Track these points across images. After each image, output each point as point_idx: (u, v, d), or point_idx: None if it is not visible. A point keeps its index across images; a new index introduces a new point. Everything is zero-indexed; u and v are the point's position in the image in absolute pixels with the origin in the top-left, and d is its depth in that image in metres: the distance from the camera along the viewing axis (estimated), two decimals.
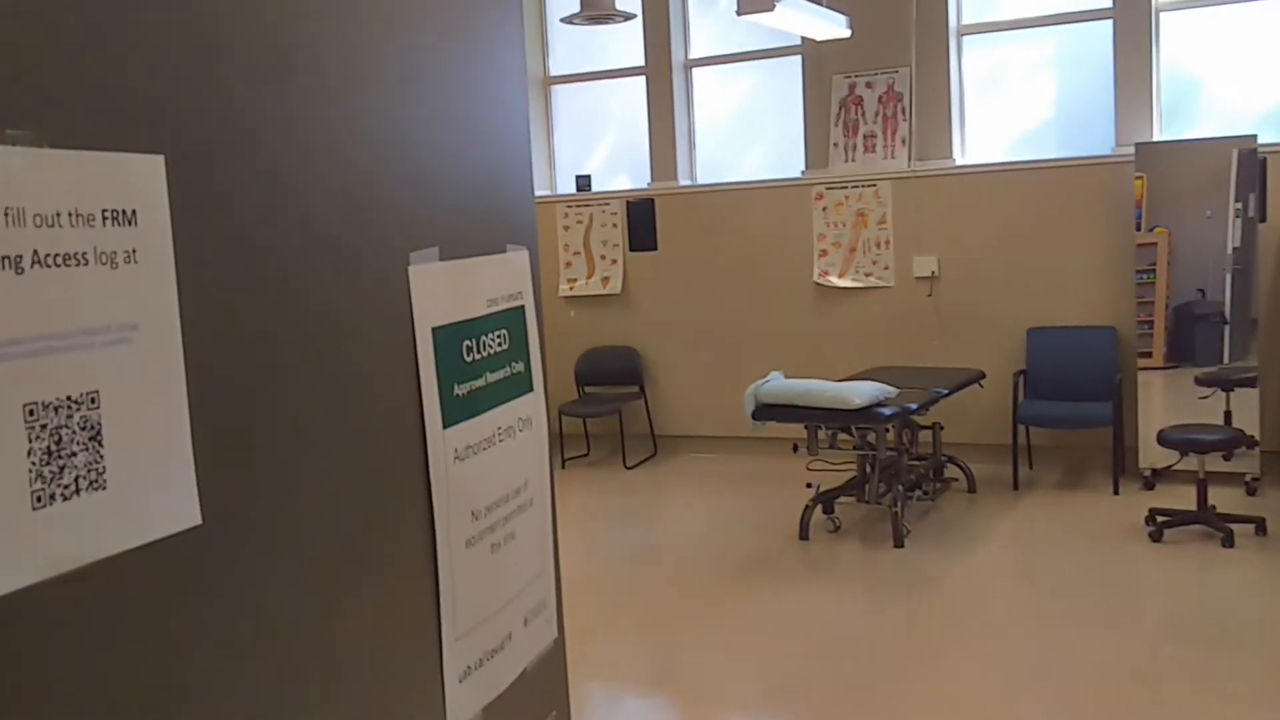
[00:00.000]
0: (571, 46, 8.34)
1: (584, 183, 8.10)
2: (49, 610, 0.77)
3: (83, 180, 0.79)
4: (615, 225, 7.96)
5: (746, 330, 7.64)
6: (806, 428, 5.85)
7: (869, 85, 7.30)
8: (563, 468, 7.74)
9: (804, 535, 5.79)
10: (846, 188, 7.31)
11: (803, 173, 7.52)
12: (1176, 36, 6.69)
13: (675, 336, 7.85)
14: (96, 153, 0.80)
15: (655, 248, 7.85)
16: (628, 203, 7.90)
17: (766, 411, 5.77)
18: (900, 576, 5.18)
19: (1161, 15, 6.67)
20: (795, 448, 6.04)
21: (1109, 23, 6.78)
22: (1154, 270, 6.46)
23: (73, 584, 0.78)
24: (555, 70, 8.38)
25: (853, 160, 7.35)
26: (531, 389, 1.35)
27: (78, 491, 0.78)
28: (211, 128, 0.91)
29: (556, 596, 1.44)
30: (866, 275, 7.32)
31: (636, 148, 8.08)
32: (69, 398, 0.77)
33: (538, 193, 8.22)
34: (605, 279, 8.01)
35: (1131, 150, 6.54)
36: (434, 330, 1.13)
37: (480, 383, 1.21)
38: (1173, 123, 6.74)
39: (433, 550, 1.12)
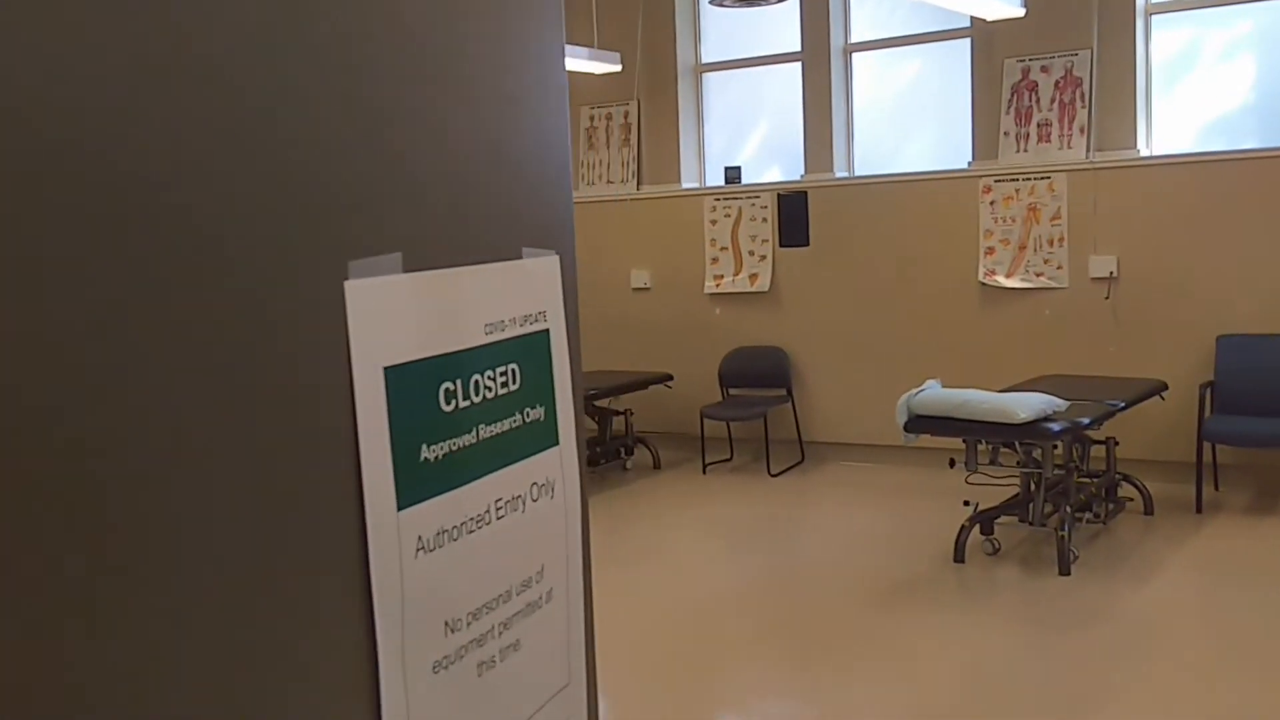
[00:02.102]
0: (724, 32, 8.01)
1: (733, 174, 7.77)
2: None
3: None
4: (765, 219, 7.60)
5: (903, 333, 7.22)
6: (965, 442, 5.43)
7: (1045, 69, 6.79)
8: (703, 473, 7.45)
9: (959, 557, 5.38)
10: (1017, 180, 6.83)
11: (969, 164, 7.06)
12: None
13: (826, 338, 7.48)
14: None
15: (807, 243, 7.48)
16: (779, 195, 7.54)
17: (920, 423, 5.36)
18: (1065, 607, 4.75)
19: None
20: (951, 463, 5.59)
21: None
22: None
23: None
24: (707, 57, 8.05)
25: (1025, 150, 6.86)
26: (556, 441, 1.01)
27: None
28: None
29: (593, 714, 1.10)
30: (1037, 275, 6.82)
31: (790, 138, 7.72)
32: None
33: (685, 184, 7.94)
34: (753, 276, 7.67)
35: None
36: (388, 371, 0.81)
37: (467, 440, 0.88)
38: None
39: (374, 685, 0.80)
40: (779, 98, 7.84)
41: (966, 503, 5.62)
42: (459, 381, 0.87)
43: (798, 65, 7.61)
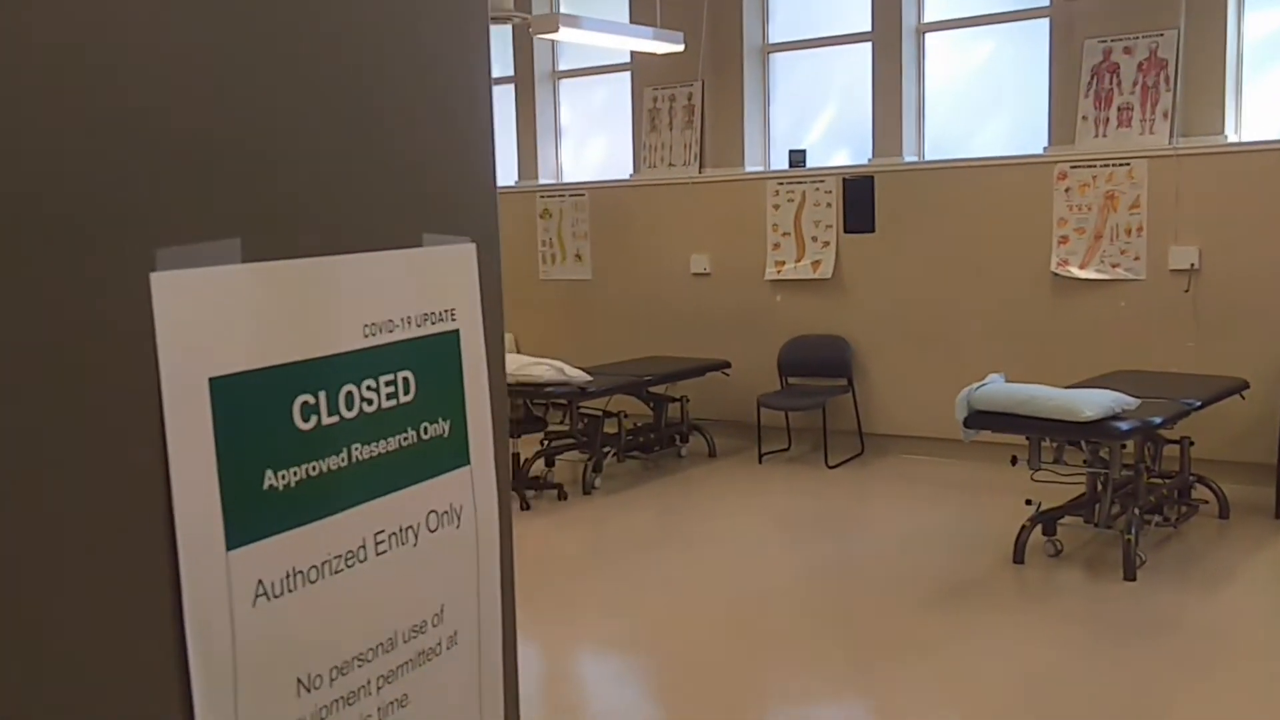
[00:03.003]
0: (792, 11, 7.80)
1: (798, 158, 7.57)
2: None
3: None
4: (829, 205, 7.40)
5: (970, 324, 6.99)
6: (1028, 440, 5.20)
7: (1127, 50, 6.51)
8: (759, 463, 7.29)
9: (1019, 558, 5.18)
10: (1095, 166, 6.57)
11: (1045, 149, 6.81)
12: None
13: (889, 327, 7.27)
14: None
15: (872, 230, 7.27)
16: (844, 180, 7.33)
17: (981, 419, 5.15)
18: (1130, 615, 4.56)
19: None
20: (1014, 460, 5.37)
21: None
22: None
23: None
24: (775, 37, 7.84)
25: (1104, 135, 6.59)
26: (466, 461, 0.87)
27: None
28: None
29: None
30: (1113, 266, 6.55)
31: (859, 120, 7.50)
32: None
33: (749, 167, 7.75)
34: (815, 262, 7.47)
35: None
36: (215, 383, 0.66)
37: (335, 462, 0.74)
38: None
39: None
40: (848, 79, 7.63)
41: (1029, 501, 5.41)
42: (323, 394, 0.73)
43: (868, 45, 7.39)
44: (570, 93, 8.87)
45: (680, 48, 7.03)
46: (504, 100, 8.96)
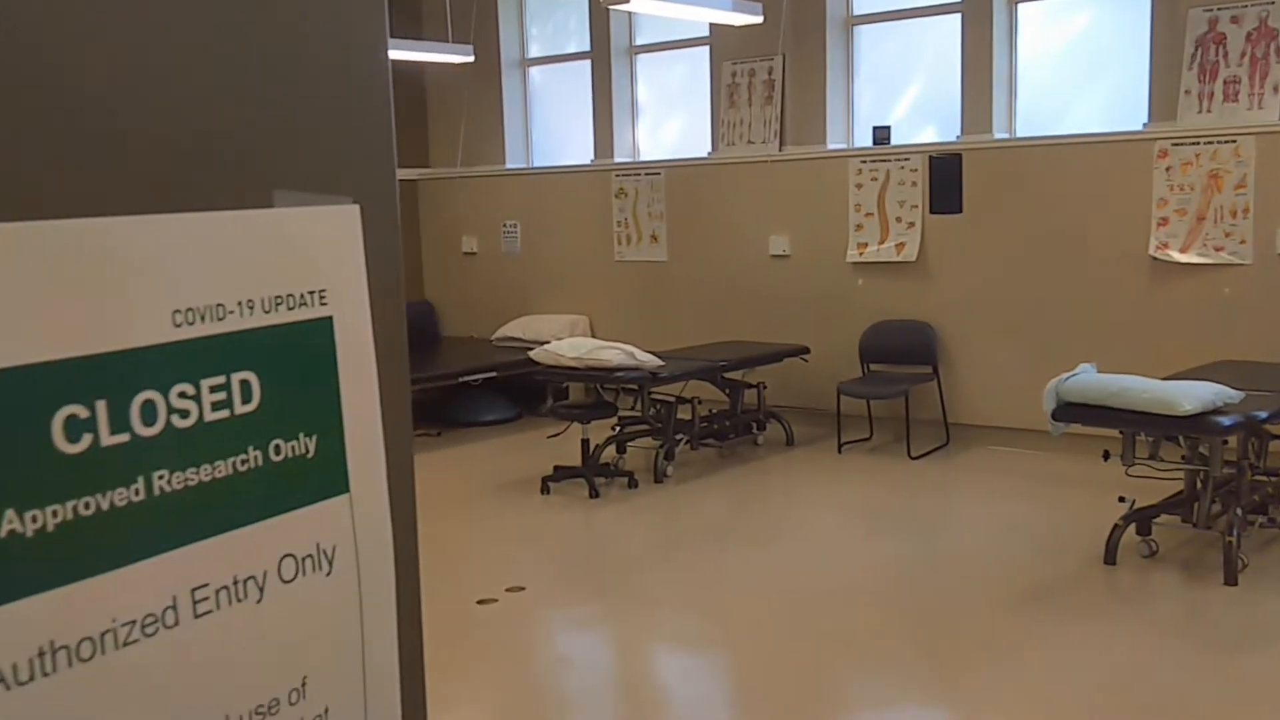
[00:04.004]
0: None
1: (882, 135, 7.28)
2: None
3: None
4: (915, 184, 7.11)
5: (1063, 310, 6.70)
6: (1122, 434, 4.93)
7: (1235, 19, 6.14)
8: (839, 452, 7.06)
9: (1110, 559, 4.93)
10: (1198, 144, 6.23)
11: (1145, 125, 6.48)
12: None
13: (977, 313, 6.99)
14: None
15: (959, 210, 6.98)
16: (930, 158, 7.04)
17: (1070, 411, 4.89)
18: (1230, 622, 4.32)
19: None
20: (1106, 455, 5.07)
21: None
22: None
23: None
24: (859, 9, 7.55)
25: (1208, 111, 6.24)
26: (344, 488, 0.67)
27: None
28: None
29: None
30: (1216, 250, 6.20)
31: (947, 96, 7.20)
32: None
33: (831, 145, 7.48)
34: (900, 244, 7.19)
35: None
36: None
37: (122, 498, 0.55)
38: None
39: None
40: (936, 52, 7.35)
41: (1122, 498, 5.14)
42: (103, 404, 0.54)
43: (957, 17, 7.08)
44: (647, 69, 8.67)
45: (760, 20, 6.81)
46: (580, 77, 8.79)
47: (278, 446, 0.63)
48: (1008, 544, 5.30)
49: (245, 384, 0.62)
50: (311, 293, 0.65)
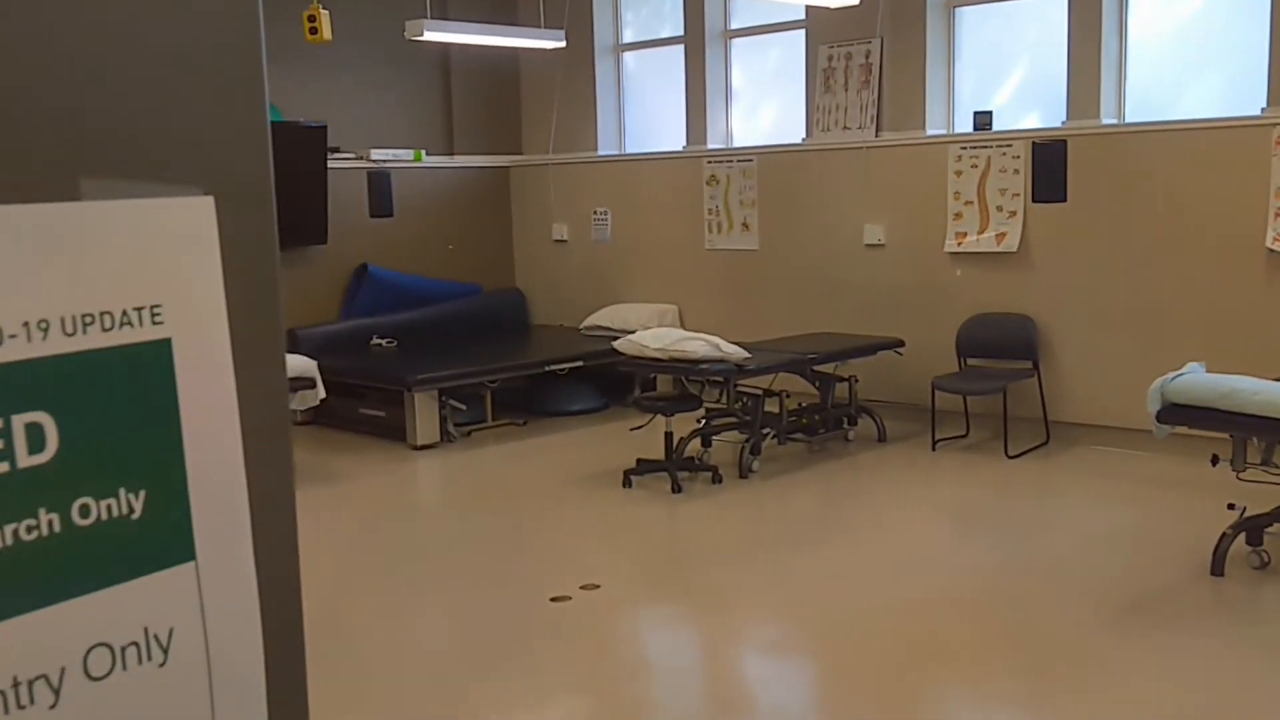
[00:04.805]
0: None
1: (983, 120, 7.04)
2: None
3: None
4: (1017, 171, 6.86)
5: (1172, 305, 6.43)
6: (1232, 437, 4.67)
7: None
8: (933, 450, 6.86)
9: (1217, 570, 4.71)
10: None
11: (1263, 110, 6.16)
12: None
13: (1081, 306, 6.73)
14: None
15: (1064, 199, 6.72)
16: (1033, 144, 6.77)
17: (1176, 413, 4.65)
18: None
19: None
20: (1214, 459, 4.81)
21: None
22: None
23: None
24: None
25: None
26: (188, 554, 0.54)
27: None
28: None
29: None
30: None
31: (1052, 80, 6.93)
32: None
33: (930, 131, 7.24)
34: (1000, 234, 6.94)
35: None
36: None
37: None
38: None
39: None
40: (1040, 34, 7.10)
41: (1232, 505, 4.90)
42: None
43: None
44: (742, 53, 8.49)
45: (857, 1, 6.61)
46: (673, 62, 8.65)
47: (85, 507, 0.51)
48: (1108, 551, 5.09)
49: (33, 428, 0.50)
50: (139, 309, 0.52)
